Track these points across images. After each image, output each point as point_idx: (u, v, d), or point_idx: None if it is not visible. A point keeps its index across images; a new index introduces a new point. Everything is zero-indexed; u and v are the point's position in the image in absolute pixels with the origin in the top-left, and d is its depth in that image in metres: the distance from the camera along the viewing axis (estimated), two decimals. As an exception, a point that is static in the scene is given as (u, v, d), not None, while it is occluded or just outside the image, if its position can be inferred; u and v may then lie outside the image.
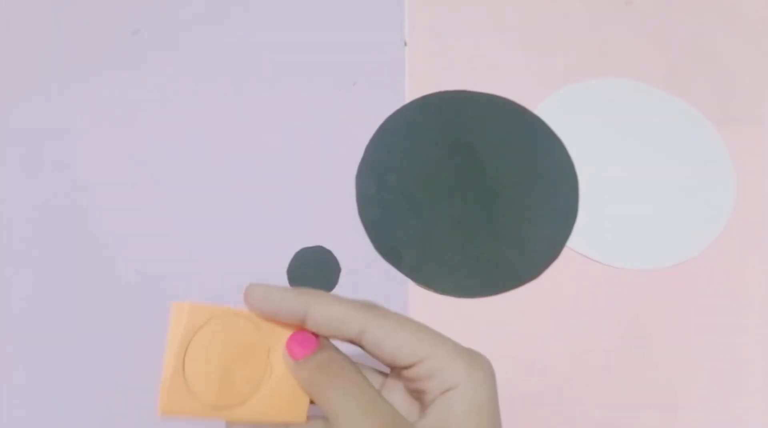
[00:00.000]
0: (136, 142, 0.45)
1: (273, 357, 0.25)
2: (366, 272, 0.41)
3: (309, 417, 0.26)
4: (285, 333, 0.25)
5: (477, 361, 0.24)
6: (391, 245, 0.42)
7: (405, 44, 0.49)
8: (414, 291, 0.41)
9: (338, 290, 0.41)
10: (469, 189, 0.44)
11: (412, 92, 0.47)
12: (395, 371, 0.25)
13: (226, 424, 0.25)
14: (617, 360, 0.40)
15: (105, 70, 0.47)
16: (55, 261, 0.42)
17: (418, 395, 0.24)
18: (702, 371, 0.40)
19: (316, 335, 0.25)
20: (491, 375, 0.24)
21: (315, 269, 0.41)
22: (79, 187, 0.44)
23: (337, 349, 0.25)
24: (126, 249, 0.42)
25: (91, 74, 0.47)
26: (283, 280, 0.41)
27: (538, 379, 0.40)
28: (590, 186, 0.44)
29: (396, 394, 0.25)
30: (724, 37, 0.50)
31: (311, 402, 0.25)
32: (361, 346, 0.24)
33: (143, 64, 0.48)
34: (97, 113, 0.46)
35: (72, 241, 0.42)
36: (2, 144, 0.45)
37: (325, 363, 0.24)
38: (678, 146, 0.46)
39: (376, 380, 0.26)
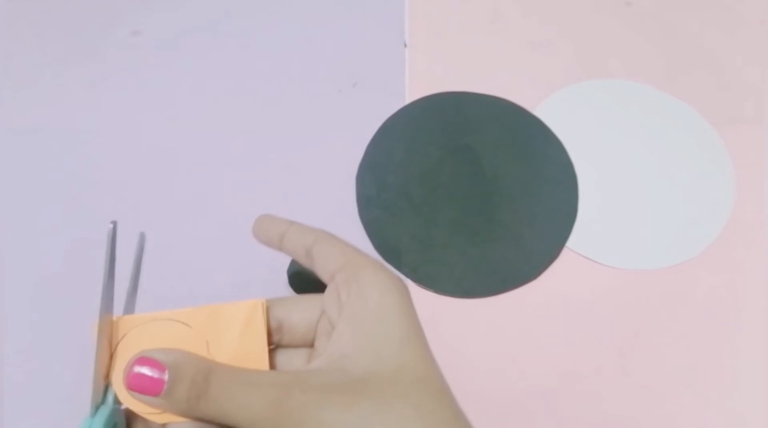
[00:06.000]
0: (134, 143, 0.45)
1: (213, 349, 0.24)
2: (366, 272, 0.41)
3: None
4: (220, 325, 0.25)
5: (387, 272, 0.25)
6: (391, 245, 0.42)
7: (405, 46, 0.49)
8: (414, 291, 0.41)
9: (338, 290, 0.41)
10: (469, 189, 0.44)
11: (412, 93, 0.47)
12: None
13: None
14: (617, 359, 0.40)
15: (105, 70, 0.48)
16: (52, 262, 0.42)
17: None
18: (702, 371, 0.40)
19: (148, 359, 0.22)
20: (402, 285, 0.25)
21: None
22: (77, 186, 0.44)
23: (184, 356, 0.23)
24: (125, 249, 0.42)
25: (91, 74, 0.47)
26: (283, 280, 0.41)
27: (537, 379, 0.39)
28: (590, 186, 0.44)
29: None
30: (723, 38, 0.50)
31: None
32: (310, 257, 0.26)
33: (143, 65, 0.48)
34: (97, 113, 0.46)
35: (67, 241, 0.42)
36: (2, 143, 0.45)
37: (192, 378, 0.22)
38: (677, 147, 0.46)
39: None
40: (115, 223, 0.23)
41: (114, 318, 0.24)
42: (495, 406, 0.39)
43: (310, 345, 0.26)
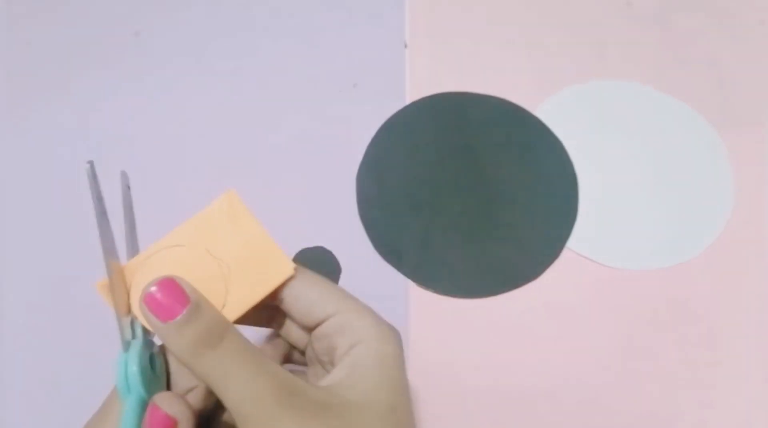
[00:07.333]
0: (135, 143, 0.45)
1: (217, 252, 0.25)
2: (366, 272, 0.41)
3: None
4: (209, 230, 0.25)
5: (383, 320, 0.24)
6: (391, 245, 0.42)
7: (405, 46, 0.49)
8: (414, 291, 0.41)
9: (338, 290, 0.41)
10: (469, 189, 0.44)
11: (412, 94, 0.47)
12: (308, 333, 0.26)
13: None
14: (617, 360, 0.40)
15: (105, 71, 0.48)
16: (54, 262, 0.42)
17: (329, 353, 0.25)
18: (702, 371, 0.40)
19: (176, 285, 0.23)
20: (397, 333, 0.25)
21: (315, 269, 0.41)
22: (77, 186, 0.44)
23: (209, 303, 0.23)
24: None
25: (91, 75, 0.47)
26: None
27: (536, 379, 0.40)
28: (590, 187, 0.44)
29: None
30: (724, 39, 0.50)
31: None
32: (280, 303, 0.25)
33: (144, 66, 0.48)
34: (97, 114, 0.46)
35: (70, 240, 0.42)
36: (2, 143, 0.45)
37: (209, 327, 0.22)
38: (677, 147, 0.46)
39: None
40: (91, 163, 0.23)
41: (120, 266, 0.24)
42: (495, 406, 0.39)
43: (309, 328, 0.25)
